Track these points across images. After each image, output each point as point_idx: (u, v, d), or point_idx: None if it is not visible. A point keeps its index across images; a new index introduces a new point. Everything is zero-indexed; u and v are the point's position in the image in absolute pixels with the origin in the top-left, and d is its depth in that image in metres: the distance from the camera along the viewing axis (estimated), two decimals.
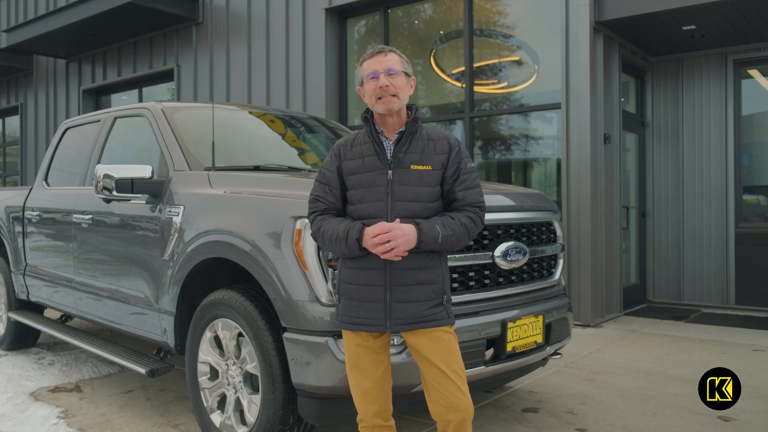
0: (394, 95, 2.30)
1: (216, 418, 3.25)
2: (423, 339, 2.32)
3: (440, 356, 2.31)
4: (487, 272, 3.12)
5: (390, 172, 2.29)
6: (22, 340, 5.63)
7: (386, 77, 2.30)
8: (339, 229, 2.30)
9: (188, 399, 3.94)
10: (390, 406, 2.47)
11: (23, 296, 5.37)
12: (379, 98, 2.30)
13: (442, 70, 8.14)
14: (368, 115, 2.39)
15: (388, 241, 2.21)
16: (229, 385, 3.20)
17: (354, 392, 2.44)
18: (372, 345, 2.37)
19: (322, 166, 2.46)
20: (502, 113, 7.61)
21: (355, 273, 2.34)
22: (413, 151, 2.33)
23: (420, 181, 2.30)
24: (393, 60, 2.34)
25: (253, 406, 3.02)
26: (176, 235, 3.46)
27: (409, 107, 2.40)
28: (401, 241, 2.20)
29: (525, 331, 3.16)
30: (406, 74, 2.36)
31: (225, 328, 3.17)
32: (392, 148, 2.34)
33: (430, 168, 2.33)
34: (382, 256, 2.24)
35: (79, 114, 12.04)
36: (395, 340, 2.65)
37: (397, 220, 2.24)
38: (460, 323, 2.87)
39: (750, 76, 7.63)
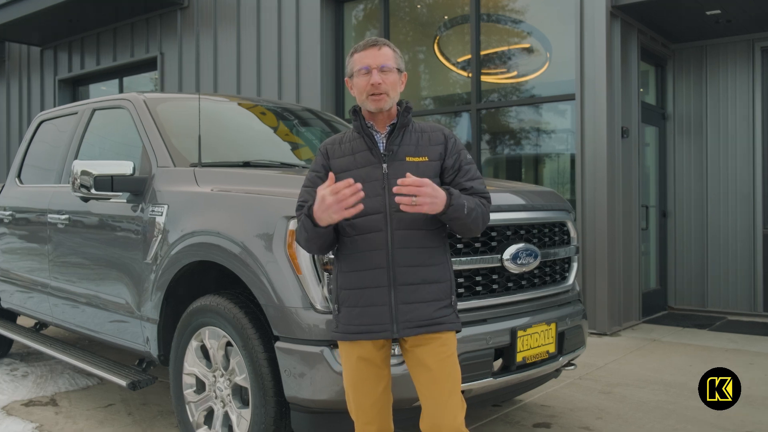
0: (385, 93, 2.32)
1: None
2: (427, 349, 2.31)
3: (443, 370, 2.31)
4: (495, 276, 3.13)
5: (385, 165, 2.32)
6: None
7: (379, 74, 2.32)
8: (301, 219, 2.31)
9: (173, 413, 3.94)
10: (391, 425, 2.46)
11: None
12: (370, 95, 2.32)
13: (447, 59, 8.14)
14: (358, 109, 2.41)
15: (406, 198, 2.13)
16: (216, 398, 3.20)
17: (352, 411, 2.43)
18: (375, 358, 2.35)
19: (309, 169, 2.48)
20: (512, 105, 7.61)
21: (354, 276, 2.32)
22: (407, 143, 2.36)
23: (417, 173, 2.29)
24: (387, 55, 2.36)
25: (242, 420, 3.02)
26: (160, 236, 3.47)
27: (398, 103, 2.42)
28: (429, 201, 2.16)
29: (536, 340, 3.16)
30: (399, 70, 2.39)
31: (212, 337, 3.17)
32: (384, 142, 2.36)
33: (427, 159, 2.35)
34: (354, 210, 2.15)
35: (54, 106, 12.04)
36: (395, 350, 2.64)
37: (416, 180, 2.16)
38: (466, 331, 2.87)
39: None
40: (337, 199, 2.13)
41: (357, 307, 2.31)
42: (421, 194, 2.15)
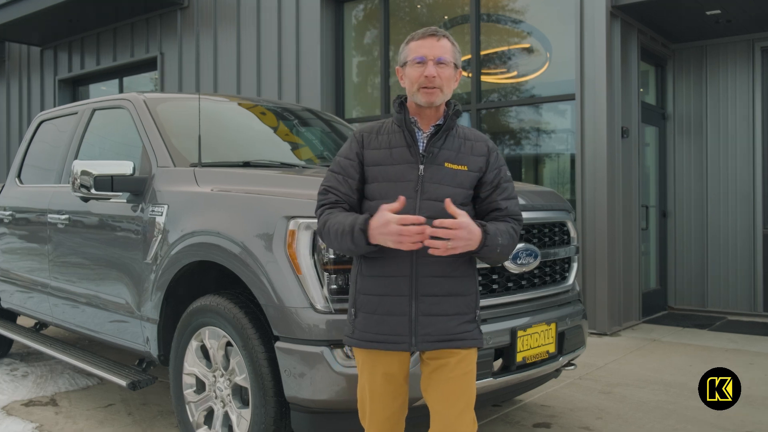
0: (439, 88, 2.20)
1: None
2: (444, 363, 2.22)
3: (458, 388, 2.22)
4: (495, 276, 3.12)
5: (421, 167, 2.20)
6: None
7: (435, 66, 2.19)
8: (346, 223, 2.16)
9: (172, 413, 3.94)
10: None
11: None
12: (423, 88, 2.20)
13: None
14: (404, 101, 2.29)
15: (420, 239, 2.05)
16: (216, 398, 3.20)
17: (365, 421, 2.35)
18: (398, 374, 2.27)
19: (338, 154, 2.35)
20: (512, 105, 7.61)
21: (374, 282, 2.22)
22: (448, 148, 2.25)
23: (453, 181, 2.22)
24: (445, 48, 2.23)
25: (242, 420, 3.02)
26: (160, 236, 3.47)
27: (447, 102, 2.30)
28: (464, 244, 2.08)
29: (536, 340, 3.16)
30: (455, 66, 2.27)
31: (212, 337, 3.17)
32: (425, 142, 2.24)
33: (466, 169, 2.25)
34: (414, 247, 2.05)
35: (54, 106, 12.04)
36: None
37: (457, 216, 2.08)
38: None
39: None
40: (401, 232, 2.04)
41: (375, 314, 2.21)
42: (456, 237, 2.06)
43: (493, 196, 2.30)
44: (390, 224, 2.05)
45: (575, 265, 3.71)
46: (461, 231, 2.07)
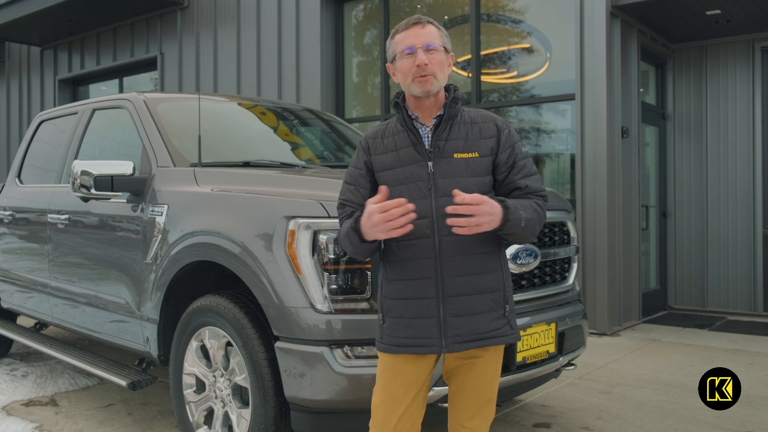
0: (432, 75, 2.13)
1: None
2: (469, 363, 2.21)
3: (479, 387, 2.23)
4: None
5: (430, 163, 2.13)
6: None
7: (424, 53, 2.12)
8: (345, 226, 2.14)
9: (172, 413, 3.95)
10: None
11: None
12: (416, 77, 2.13)
13: None
14: (399, 100, 2.22)
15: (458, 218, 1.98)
16: (216, 398, 3.20)
17: (375, 426, 2.27)
18: (419, 377, 2.20)
19: (350, 164, 2.32)
20: (512, 104, 7.61)
21: (400, 286, 2.17)
22: (455, 137, 2.17)
23: (467, 171, 2.14)
24: (432, 33, 2.16)
25: (242, 420, 3.03)
26: (159, 236, 3.47)
27: (446, 88, 2.23)
28: (488, 219, 2.00)
29: (536, 340, 3.16)
30: (446, 50, 2.20)
31: (212, 337, 3.17)
32: (430, 136, 2.17)
33: (477, 155, 2.16)
34: (403, 231, 1.99)
35: (54, 105, 12.05)
36: None
37: (461, 196, 2.00)
38: None
39: None
40: (384, 218, 1.98)
41: (403, 318, 2.16)
42: (479, 213, 1.98)
43: (510, 176, 2.21)
44: (373, 215, 2.01)
45: (575, 265, 3.70)
46: (484, 206, 1.99)
